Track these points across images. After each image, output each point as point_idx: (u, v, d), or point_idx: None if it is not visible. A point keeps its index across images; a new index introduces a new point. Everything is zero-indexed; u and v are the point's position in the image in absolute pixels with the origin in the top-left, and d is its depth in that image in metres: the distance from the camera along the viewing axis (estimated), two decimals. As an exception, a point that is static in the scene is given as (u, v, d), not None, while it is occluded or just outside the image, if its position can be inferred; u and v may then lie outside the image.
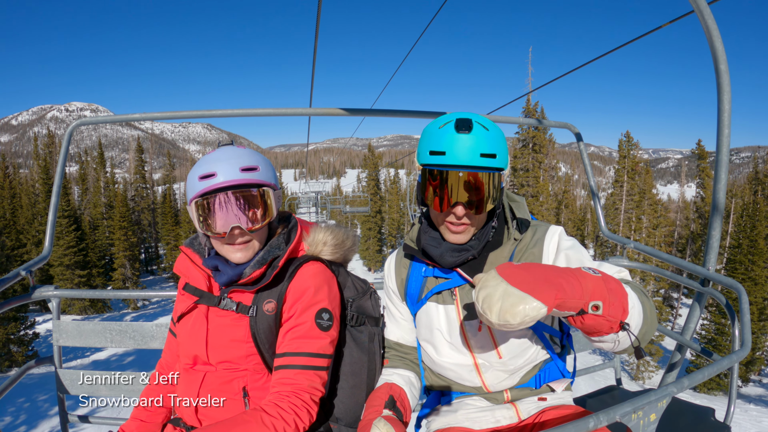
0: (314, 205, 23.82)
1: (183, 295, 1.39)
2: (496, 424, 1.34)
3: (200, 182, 1.23)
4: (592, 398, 2.02)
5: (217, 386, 1.28)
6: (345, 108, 2.38)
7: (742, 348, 1.29)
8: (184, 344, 1.35)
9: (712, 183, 1.77)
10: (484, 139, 1.15)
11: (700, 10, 1.51)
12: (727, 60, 1.58)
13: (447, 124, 1.18)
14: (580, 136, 2.65)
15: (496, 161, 1.17)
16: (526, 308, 0.91)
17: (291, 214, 1.47)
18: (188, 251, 1.39)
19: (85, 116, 17.88)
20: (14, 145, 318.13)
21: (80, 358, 18.17)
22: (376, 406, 1.27)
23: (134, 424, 1.41)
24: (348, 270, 1.53)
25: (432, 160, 1.18)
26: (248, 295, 1.30)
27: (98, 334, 1.97)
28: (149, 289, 2.27)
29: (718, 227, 1.84)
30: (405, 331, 1.47)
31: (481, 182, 1.16)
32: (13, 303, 1.92)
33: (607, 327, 0.96)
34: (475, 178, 1.15)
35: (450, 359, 1.35)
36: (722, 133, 1.68)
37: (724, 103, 1.63)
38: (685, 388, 1.03)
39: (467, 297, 1.30)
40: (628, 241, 2.34)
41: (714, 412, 1.79)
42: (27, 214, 26.19)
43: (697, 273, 1.88)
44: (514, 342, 1.29)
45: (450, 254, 1.25)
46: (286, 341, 1.27)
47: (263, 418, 1.14)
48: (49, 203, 2.23)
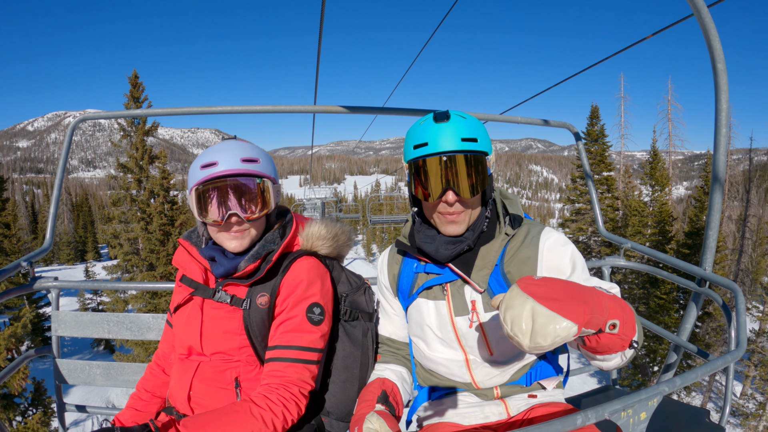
0: (320, 211, 24.08)
1: (180, 286, 1.41)
2: (485, 419, 1.34)
3: (201, 171, 1.25)
4: (587, 398, 2.02)
5: (210, 376, 1.30)
6: (348, 105, 2.39)
7: (737, 348, 1.29)
8: (180, 335, 1.36)
9: (711, 183, 1.76)
10: (463, 125, 1.20)
11: (697, 8, 1.51)
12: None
13: (426, 119, 1.23)
14: (578, 136, 2.65)
15: (478, 145, 1.20)
16: (556, 329, 0.87)
17: (288, 209, 1.49)
18: (186, 244, 1.40)
19: (101, 124, 17.69)
20: (33, 151, 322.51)
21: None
22: (368, 400, 1.28)
23: (129, 413, 1.43)
24: (343, 265, 1.54)
25: (416, 153, 1.22)
26: (242, 288, 1.32)
27: (96, 324, 2.00)
28: (147, 282, 2.29)
29: (715, 227, 1.83)
30: (397, 327, 1.47)
31: (466, 165, 1.19)
32: (14, 293, 1.95)
33: (619, 345, 0.97)
34: (460, 160, 1.18)
35: (441, 354, 1.35)
36: (720, 132, 1.67)
37: (722, 102, 1.62)
38: (677, 387, 1.03)
39: (458, 292, 1.30)
40: (626, 241, 2.34)
41: (708, 414, 1.78)
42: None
43: (693, 273, 1.87)
44: (507, 339, 1.29)
45: (445, 247, 1.26)
46: (278, 334, 1.29)
47: (252, 408, 1.15)
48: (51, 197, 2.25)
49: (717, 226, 1.84)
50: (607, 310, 0.94)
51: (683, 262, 1.91)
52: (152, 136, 17.35)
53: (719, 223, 1.84)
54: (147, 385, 1.49)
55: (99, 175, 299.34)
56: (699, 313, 5.99)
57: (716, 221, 1.83)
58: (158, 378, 1.50)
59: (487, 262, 1.28)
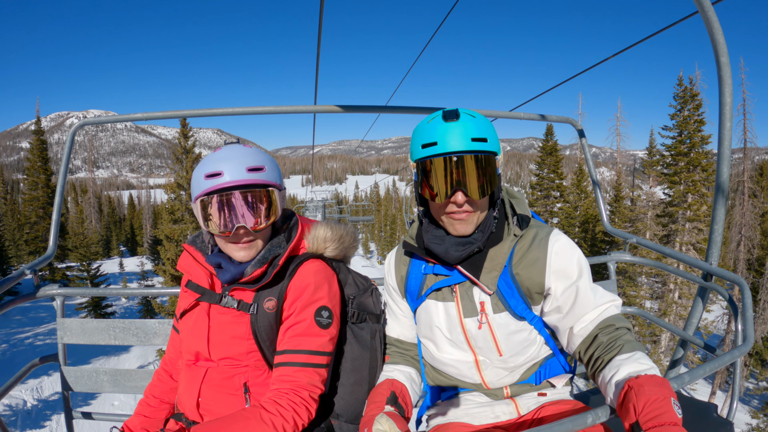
0: (321, 212, 24.29)
1: (186, 292, 1.40)
2: (496, 419, 1.34)
3: (206, 180, 1.22)
4: (595, 395, 2.01)
5: (219, 382, 1.29)
6: (349, 105, 2.38)
7: (745, 343, 1.28)
8: (187, 341, 1.36)
9: (715, 183, 1.76)
10: (473, 125, 1.18)
11: (701, 4, 1.50)
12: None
13: (435, 117, 1.21)
14: (582, 132, 2.63)
15: (488, 145, 1.18)
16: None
17: (293, 212, 1.48)
18: (191, 249, 1.40)
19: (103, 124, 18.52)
20: None
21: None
22: (377, 402, 1.27)
23: (138, 420, 1.43)
24: (349, 267, 1.54)
25: (425, 153, 1.20)
26: (249, 293, 1.31)
27: (102, 331, 1.99)
28: (152, 288, 2.28)
29: (721, 221, 1.82)
30: (405, 328, 1.47)
31: (476, 166, 1.17)
32: (19, 301, 1.95)
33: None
34: (470, 161, 1.17)
35: (450, 356, 1.35)
36: (724, 126, 1.66)
37: (726, 96, 1.62)
38: (685, 383, 1.03)
39: (467, 294, 1.30)
40: (630, 236, 2.33)
41: (716, 408, 1.78)
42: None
43: (699, 267, 1.87)
44: (516, 340, 1.29)
45: (455, 248, 1.25)
46: (286, 339, 1.28)
47: (262, 414, 1.15)
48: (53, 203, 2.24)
49: (722, 220, 1.83)
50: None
51: (689, 256, 1.90)
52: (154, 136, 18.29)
53: (724, 217, 1.83)
54: (155, 391, 1.49)
55: (103, 176, 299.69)
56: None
57: (722, 215, 1.82)
58: (166, 384, 1.50)
59: (496, 264, 1.27)
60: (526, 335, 1.29)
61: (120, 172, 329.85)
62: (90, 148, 46.89)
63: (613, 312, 1.22)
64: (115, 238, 51.99)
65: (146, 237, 47.89)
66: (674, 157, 18.87)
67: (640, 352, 1.09)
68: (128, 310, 26.30)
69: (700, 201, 18.27)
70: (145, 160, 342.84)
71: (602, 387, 1.10)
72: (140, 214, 58.06)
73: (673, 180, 18.79)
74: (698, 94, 18.38)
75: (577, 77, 3.64)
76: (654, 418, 0.88)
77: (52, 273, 25.99)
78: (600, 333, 1.18)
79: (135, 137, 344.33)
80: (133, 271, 37.82)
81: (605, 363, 1.12)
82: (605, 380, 1.08)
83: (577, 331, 1.22)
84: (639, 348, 1.11)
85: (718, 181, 1.74)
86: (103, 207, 49.76)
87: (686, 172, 18.45)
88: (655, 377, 0.96)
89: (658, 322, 2.07)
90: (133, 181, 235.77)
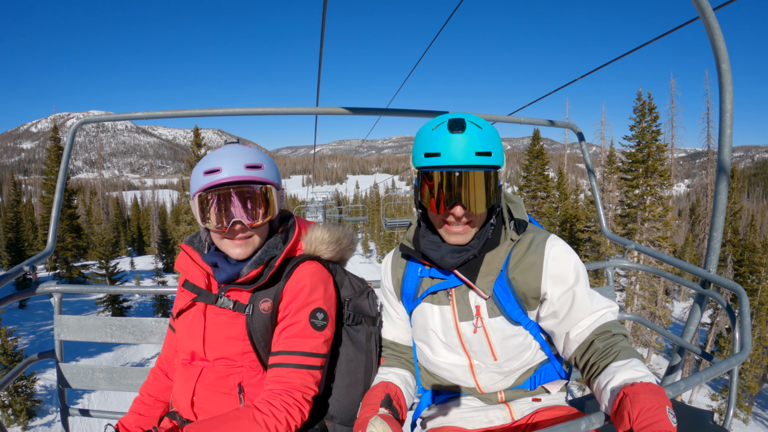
0: (322, 212, 24.41)
1: (182, 291, 1.40)
2: (490, 424, 1.33)
3: (205, 177, 1.24)
4: (590, 400, 2.01)
5: (213, 382, 1.30)
6: (351, 107, 2.39)
7: (742, 351, 1.28)
8: (182, 340, 1.36)
9: (714, 184, 1.75)
10: (478, 137, 1.15)
11: (702, 9, 1.50)
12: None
13: (440, 125, 1.17)
14: (582, 136, 2.64)
15: (492, 159, 1.16)
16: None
17: (291, 213, 1.48)
18: (188, 249, 1.40)
19: (104, 125, 18.63)
20: (37, 152, 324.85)
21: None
22: (372, 404, 1.27)
23: (133, 418, 1.43)
24: (346, 269, 1.54)
25: (427, 162, 1.17)
26: (245, 293, 1.31)
27: (98, 329, 1.99)
28: (150, 286, 2.29)
29: (720, 228, 1.82)
30: (401, 331, 1.47)
31: (478, 181, 1.15)
32: (16, 297, 1.95)
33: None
34: (472, 177, 1.15)
35: (445, 359, 1.35)
36: (724, 133, 1.66)
37: (726, 103, 1.61)
38: (681, 391, 1.02)
39: (463, 298, 1.30)
40: (629, 242, 2.33)
41: (712, 416, 1.77)
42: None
43: (697, 275, 1.86)
44: (511, 344, 1.28)
45: (450, 256, 1.24)
46: (281, 340, 1.28)
47: (255, 415, 1.15)
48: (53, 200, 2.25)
49: (721, 227, 1.82)
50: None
51: (687, 263, 1.90)
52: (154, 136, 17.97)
53: (723, 224, 1.83)
54: (150, 389, 1.49)
55: (104, 176, 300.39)
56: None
57: (720, 222, 1.81)
58: (161, 382, 1.50)
59: (492, 268, 1.26)
60: (521, 340, 1.29)
61: (121, 172, 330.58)
62: (98, 149, 47.23)
63: (609, 318, 1.22)
64: (123, 239, 52.40)
65: (153, 237, 48.15)
66: (632, 164, 21.47)
67: (636, 359, 1.09)
68: (143, 305, 26.83)
69: (657, 203, 20.59)
70: (146, 161, 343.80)
71: (597, 393, 1.10)
72: (146, 214, 58.36)
73: (631, 185, 21.29)
74: (655, 108, 20.65)
75: (575, 78, 3.65)
76: (648, 426, 0.88)
77: (69, 271, 26.30)
78: (596, 339, 1.18)
79: (135, 138, 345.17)
80: (144, 269, 38.48)
81: (601, 369, 1.11)
82: (600, 387, 1.08)
83: (573, 337, 1.22)
84: (635, 355, 1.11)
85: (717, 188, 1.74)
86: (109, 208, 50.47)
87: (643, 177, 20.96)
88: (651, 385, 0.96)
89: (656, 328, 2.06)
90: (135, 181, 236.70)
